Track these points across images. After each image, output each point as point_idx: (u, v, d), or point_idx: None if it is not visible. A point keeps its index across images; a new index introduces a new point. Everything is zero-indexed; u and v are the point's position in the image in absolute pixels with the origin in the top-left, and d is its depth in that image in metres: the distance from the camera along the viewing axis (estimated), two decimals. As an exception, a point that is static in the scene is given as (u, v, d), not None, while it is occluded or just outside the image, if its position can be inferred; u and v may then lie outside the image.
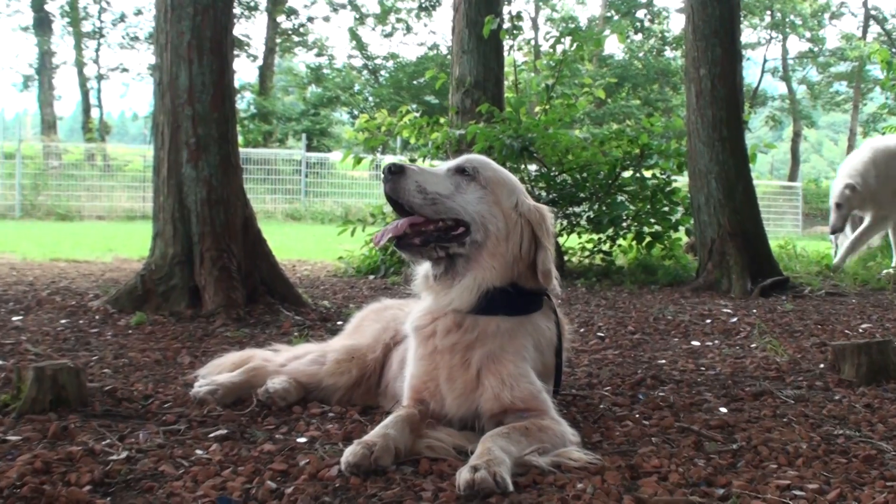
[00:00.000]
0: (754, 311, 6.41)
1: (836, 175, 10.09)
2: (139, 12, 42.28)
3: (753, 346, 4.80)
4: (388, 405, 3.02)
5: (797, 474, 2.36)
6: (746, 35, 43.87)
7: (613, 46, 45.41)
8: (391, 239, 2.61)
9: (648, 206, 9.63)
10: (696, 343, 4.95)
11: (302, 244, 14.47)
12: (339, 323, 5.33)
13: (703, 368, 4.12)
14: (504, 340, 2.67)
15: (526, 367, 2.65)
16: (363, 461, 2.28)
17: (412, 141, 10.89)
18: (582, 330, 5.41)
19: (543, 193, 9.66)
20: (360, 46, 45.86)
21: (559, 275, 2.80)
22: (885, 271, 9.25)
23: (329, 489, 2.19)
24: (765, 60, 45.62)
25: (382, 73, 46.27)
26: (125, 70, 44.19)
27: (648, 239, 9.59)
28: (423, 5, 45.18)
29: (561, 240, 9.76)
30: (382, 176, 2.61)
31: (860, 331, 5.41)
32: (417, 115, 10.85)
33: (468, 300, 2.64)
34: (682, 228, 9.77)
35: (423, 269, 2.79)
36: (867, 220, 9.81)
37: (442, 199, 2.62)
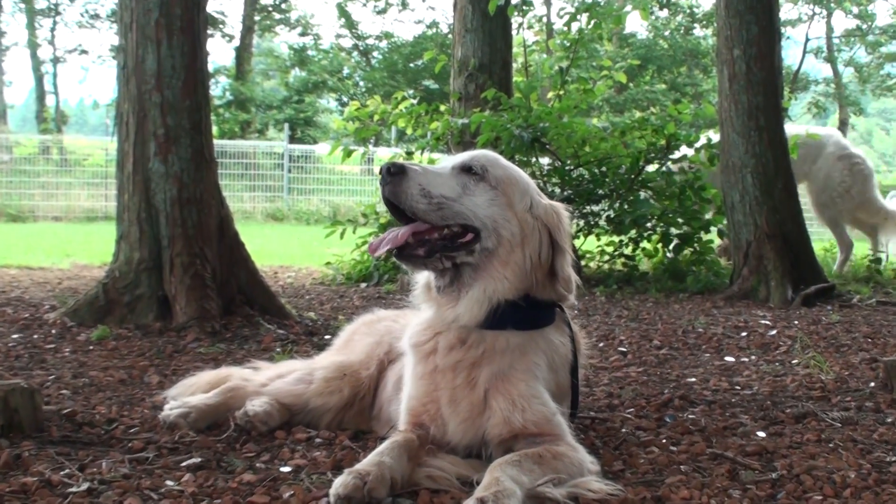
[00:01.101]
0: (796, 322, 6.41)
1: None
2: (100, -13, 42.40)
3: (795, 362, 4.80)
4: (384, 430, 3.03)
5: (845, 507, 2.36)
6: (786, 11, 43.94)
7: (636, 24, 45.59)
8: (390, 250, 2.62)
9: (676, 205, 9.64)
10: (730, 359, 4.95)
11: (285, 248, 14.49)
12: (328, 337, 5.33)
13: (738, 387, 4.12)
14: (514, 358, 2.67)
15: (538, 387, 2.65)
16: (355, 493, 2.29)
17: (409, 131, 10.91)
18: (601, 345, 5.41)
19: (557, 190, 9.67)
20: (350, 24, 45.95)
21: (579, 282, 2.81)
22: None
23: (317, 525, 2.20)
24: (807, 39, 45.66)
25: (375, 54, 46.39)
26: (84, 52, 44.36)
27: (676, 241, 9.60)
28: (421, -22, 45.38)
29: (577, 242, 9.77)
30: (380, 178, 2.62)
31: (916, 345, 5.42)
32: (414, 102, 10.87)
33: (477, 315, 2.65)
34: (713, 229, 9.78)
35: (424, 277, 2.80)
36: None
37: (448, 203, 2.64)
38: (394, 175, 2.61)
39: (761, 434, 3.20)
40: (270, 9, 44.52)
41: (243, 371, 3.60)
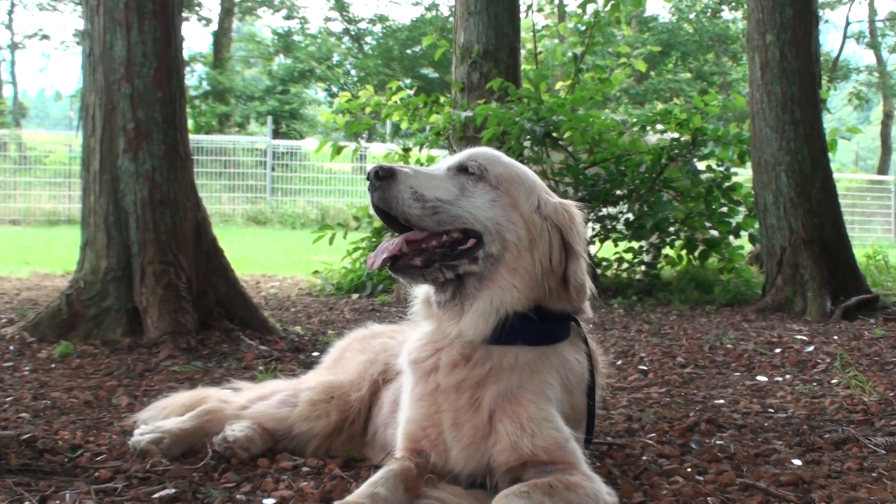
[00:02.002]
0: (835, 337, 6.41)
1: None
2: (63, -35, 42.49)
3: (834, 381, 4.80)
4: (378, 457, 3.03)
5: (890, 543, 2.36)
6: (824, -9, 44.01)
7: (657, 6, 45.67)
8: (386, 261, 2.62)
9: (702, 207, 9.66)
10: (762, 378, 4.96)
11: (268, 255, 14.51)
12: (315, 354, 5.32)
13: (771, 410, 4.12)
14: (523, 376, 2.68)
15: (550, 410, 2.66)
16: (346, 528, 2.29)
17: (405, 125, 10.93)
18: (619, 362, 5.41)
19: (570, 190, 9.69)
20: (340, 7, 46.06)
21: (594, 291, 2.82)
22: None
23: (304, 563, 2.20)
24: (847, 23, 45.67)
25: (368, 40, 46.50)
26: (46, 37, 44.37)
27: (702, 247, 9.62)
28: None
29: (592, 249, 9.79)
30: (368, 183, 2.63)
31: (969, 362, 5.41)
32: (412, 92, 10.89)
33: (483, 329, 2.65)
34: (744, 234, 9.79)
35: (423, 292, 2.81)
36: None
37: (445, 207, 2.64)
38: (382, 179, 2.62)
39: (797, 462, 3.20)
40: (252, -11, 44.65)
41: (222, 392, 3.60)
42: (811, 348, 5.89)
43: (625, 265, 10.02)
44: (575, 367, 2.82)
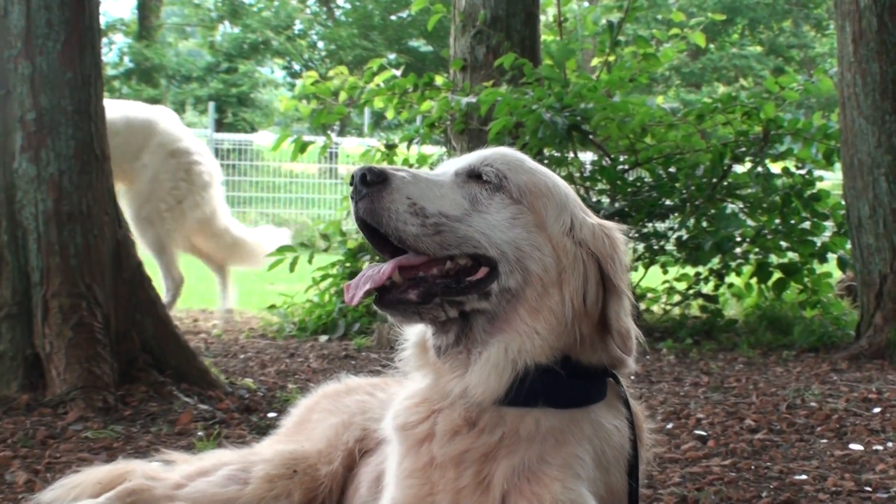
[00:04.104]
0: (953, 393, 6.41)
1: None
2: None
3: (952, 451, 4.80)
4: (354, 551, 3.03)
5: None
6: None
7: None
8: (370, 293, 2.63)
9: (777, 222, 9.66)
10: (856, 447, 4.95)
11: (209, 284, 14.43)
12: (272, 416, 5.31)
13: (868, 489, 4.13)
14: (546, 448, 2.68)
15: (581, 491, 2.66)
16: None
17: (390, 115, 10.96)
18: (669, 426, 5.41)
19: (605, 200, 9.70)
20: (304, -41, 46.28)
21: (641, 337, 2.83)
22: None
23: None
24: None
25: (340, 2, 46.66)
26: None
27: (777, 275, 9.62)
28: None
29: (634, 276, 9.79)
30: (351, 189, 2.64)
31: None
32: (398, 72, 10.91)
33: (494, 386, 2.66)
34: (832, 257, 9.79)
35: (417, 333, 2.81)
36: None
37: (451, 224, 2.66)
38: (371, 185, 2.63)
39: (903, 558, 3.20)
40: (188, -64, 44.89)
41: (150, 466, 3.59)
42: (921, 407, 5.90)
43: (676, 298, 10.02)
44: (613, 436, 2.83)
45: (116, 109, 9.66)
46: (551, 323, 2.68)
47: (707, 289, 9.85)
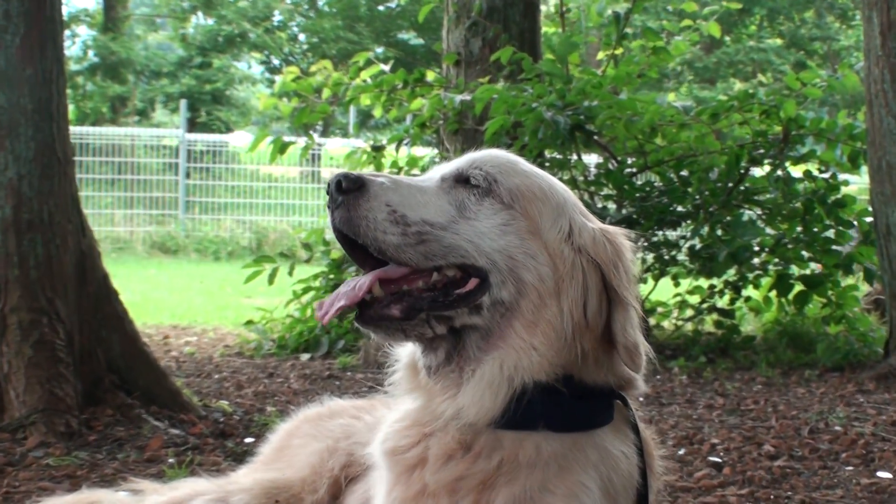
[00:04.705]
0: None
1: None
2: None
3: None
4: (340, 589, 3.03)
5: None
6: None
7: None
8: (345, 309, 2.63)
9: (799, 230, 9.67)
10: (885, 475, 4.96)
11: (181, 298, 14.44)
12: (249, 441, 5.31)
13: (899, 520, 4.13)
14: (548, 475, 2.68)
15: (585, 522, 2.66)
16: None
17: (377, 114, 10.97)
18: (682, 452, 5.41)
19: (611, 206, 9.71)
20: (284, -55, 46.33)
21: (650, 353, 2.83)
22: None
23: None
24: None
25: (323, -8, 46.70)
26: None
27: (799, 287, 9.63)
28: None
29: (643, 289, 9.80)
30: (327, 198, 2.64)
31: None
32: (386, 67, 10.91)
33: (489, 406, 2.66)
34: (858, 269, 9.79)
35: (408, 353, 2.81)
36: None
37: (435, 233, 2.66)
38: (347, 193, 2.63)
39: None
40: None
41: (116, 496, 3.60)
42: (955, 431, 5.91)
43: (689, 313, 10.03)
44: (620, 463, 2.83)
45: None
46: (550, 337, 2.68)
47: (722, 303, 9.86)
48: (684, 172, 9.83)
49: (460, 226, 2.69)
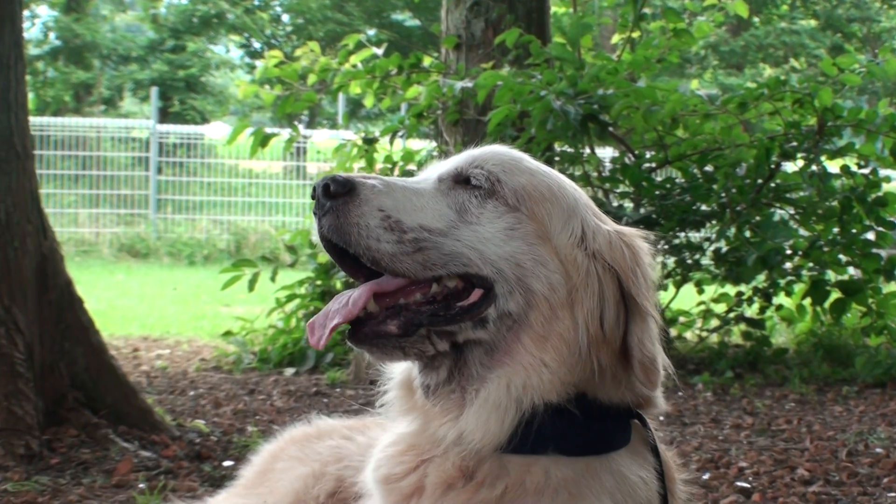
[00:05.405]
0: None
1: None
2: None
3: None
4: None
5: None
6: None
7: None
8: (338, 327, 2.62)
9: (835, 231, 9.67)
10: (932, 502, 4.96)
11: (152, 306, 14.43)
12: (228, 464, 5.31)
13: (947, 553, 4.13)
14: (559, 503, 2.68)
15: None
16: None
17: (368, 103, 10.97)
18: (706, 476, 5.41)
19: (628, 205, 9.71)
20: (266, -84, 46.34)
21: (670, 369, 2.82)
22: None
23: None
24: None
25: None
26: None
27: (836, 295, 9.62)
28: None
29: (663, 296, 9.79)
30: (313, 203, 2.64)
31: None
32: (379, 51, 10.92)
33: (495, 430, 2.66)
34: (901, 273, 9.80)
35: (402, 370, 2.81)
36: None
37: (434, 240, 2.67)
38: (336, 197, 2.63)
39: None
40: None
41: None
42: None
43: (714, 323, 10.03)
44: (638, 490, 2.83)
45: None
46: (562, 353, 2.68)
47: (751, 312, 9.86)
48: (709, 168, 9.83)
49: (461, 231, 2.69)
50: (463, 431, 2.66)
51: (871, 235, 9.62)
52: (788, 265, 9.64)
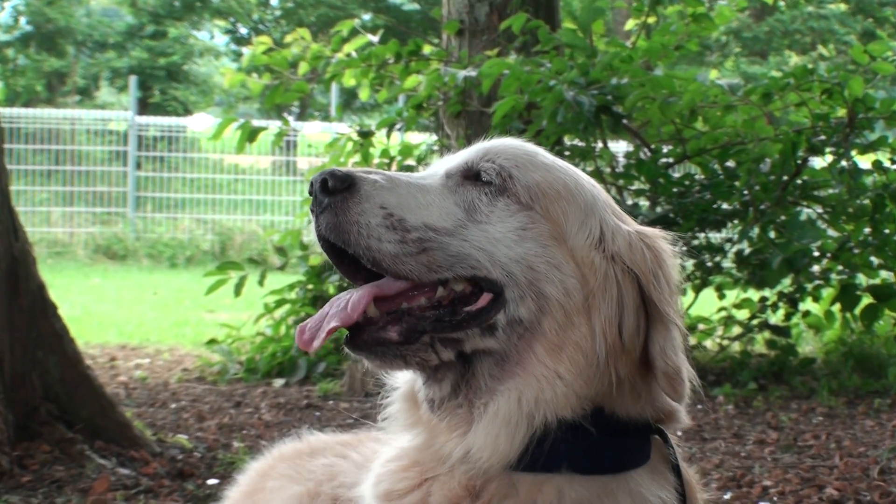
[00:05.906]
0: None
1: None
2: None
3: None
4: None
5: None
6: None
7: None
8: (334, 331, 2.61)
9: (867, 231, 9.66)
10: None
11: (130, 312, 14.44)
12: (213, 483, 5.31)
13: None
14: (572, 525, 2.67)
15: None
16: None
17: (364, 94, 10.97)
18: (727, 496, 5.41)
19: (643, 203, 9.71)
20: None
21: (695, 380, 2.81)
22: None
23: None
24: None
25: (299, -53, 46.77)
26: None
27: (867, 300, 9.62)
28: None
29: (683, 302, 9.78)
30: (310, 199, 2.63)
31: None
32: (375, 38, 10.93)
33: (505, 447, 2.65)
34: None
35: (406, 381, 2.80)
36: None
37: (440, 239, 2.66)
38: (335, 194, 2.62)
39: None
40: None
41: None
42: None
43: (736, 330, 10.03)
44: (657, 509, 2.81)
45: None
46: (578, 363, 2.67)
47: (776, 318, 9.86)
48: (730, 163, 9.83)
49: (469, 231, 2.68)
50: (470, 448, 2.65)
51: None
52: (816, 268, 9.64)
